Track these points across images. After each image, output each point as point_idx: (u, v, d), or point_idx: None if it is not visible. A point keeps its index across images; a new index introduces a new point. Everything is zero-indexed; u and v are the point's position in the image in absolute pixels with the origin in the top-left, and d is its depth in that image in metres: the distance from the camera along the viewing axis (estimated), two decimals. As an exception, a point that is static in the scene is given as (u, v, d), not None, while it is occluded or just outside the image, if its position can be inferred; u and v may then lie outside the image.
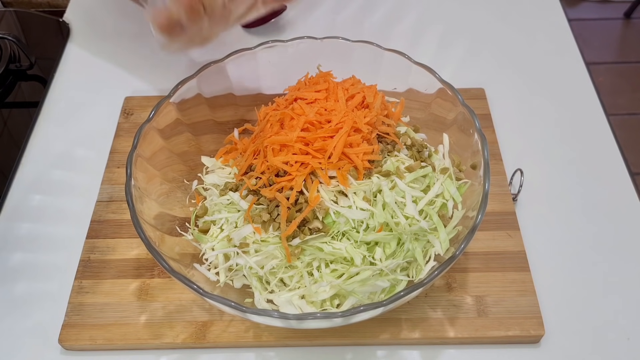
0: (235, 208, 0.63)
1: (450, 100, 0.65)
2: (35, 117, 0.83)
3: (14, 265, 0.69)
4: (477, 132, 0.61)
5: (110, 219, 0.71)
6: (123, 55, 0.91)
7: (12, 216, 0.73)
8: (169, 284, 0.65)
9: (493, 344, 0.62)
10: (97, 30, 0.95)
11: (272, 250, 0.59)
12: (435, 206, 0.61)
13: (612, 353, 0.61)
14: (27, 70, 0.90)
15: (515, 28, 0.93)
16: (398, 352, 0.62)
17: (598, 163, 0.76)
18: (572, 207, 0.72)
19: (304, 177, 0.59)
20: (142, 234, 0.55)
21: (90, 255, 0.68)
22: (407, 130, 0.68)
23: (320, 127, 0.62)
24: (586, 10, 2.24)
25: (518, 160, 0.74)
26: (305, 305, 0.58)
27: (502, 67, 0.88)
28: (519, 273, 0.65)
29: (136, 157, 0.61)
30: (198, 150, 0.71)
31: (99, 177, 0.75)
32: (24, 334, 0.64)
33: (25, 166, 0.78)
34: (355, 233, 0.58)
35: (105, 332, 0.62)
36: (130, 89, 0.85)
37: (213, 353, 0.62)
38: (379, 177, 0.61)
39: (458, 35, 0.92)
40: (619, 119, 1.87)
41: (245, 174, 0.64)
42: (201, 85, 0.68)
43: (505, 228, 0.68)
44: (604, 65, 2.06)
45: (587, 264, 0.67)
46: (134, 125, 0.80)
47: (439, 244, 0.59)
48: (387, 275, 0.58)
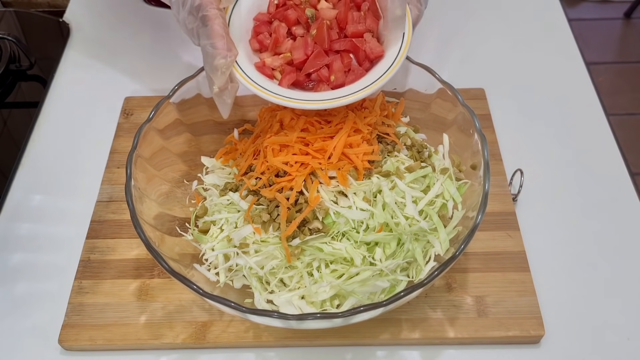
0: (235, 208, 0.63)
1: (450, 100, 0.65)
2: (35, 117, 0.83)
3: (14, 265, 0.69)
4: (477, 132, 0.61)
5: (110, 219, 0.71)
6: (123, 55, 0.91)
7: (12, 216, 0.73)
8: (168, 284, 0.65)
9: (493, 344, 0.62)
10: (97, 30, 0.95)
11: (272, 251, 0.59)
12: (435, 206, 0.61)
13: (612, 353, 0.61)
14: (27, 70, 0.90)
15: (515, 28, 0.93)
16: (398, 352, 0.62)
17: (598, 163, 0.76)
18: (572, 207, 0.72)
19: (304, 177, 0.59)
20: (142, 234, 0.55)
21: (90, 255, 0.68)
22: (407, 130, 0.68)
23: (320, 127, 0.62)
24: (586, 10, 2.24)
25: (518, 160, 0.74)
26: (305, 306, 0.58)
27: (502, 67, 0.88)
28: (519, 273, 0.65)
29: (136, 157, 0.61)
30: (198, 151, 0.71)
31: (99, 177, 0.75)
32: (24, 334, 0.64)
33: (25, 166, 0.78)
34: (355, 233, 0.58)
35: (105, 333, 0.62)
36: (130, 89, 0.85)
37: (213, 353, 0.62)
38: (379, 177, 0.61)
39: (458, 36, 0.92)
40: (619, 119, 1.87)
41: (245, 174, 0.64)
42: (201, 85, 0.68)
43: (505, 228, 0.68)
44: (604, 65, 2.06)
45: (587, 264, 0.67)
46: (134, 125, 0.80)
47: (439, 244, 0.59)
48: (387, 275, 0.58)
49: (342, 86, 0.60)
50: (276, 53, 0.62)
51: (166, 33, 0.93)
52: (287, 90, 0.60)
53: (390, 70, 0.58)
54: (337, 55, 0.60)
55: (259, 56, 0.62)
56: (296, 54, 0.60)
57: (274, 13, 0.63)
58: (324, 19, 0.60)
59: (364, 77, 0.60)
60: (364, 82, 0.59)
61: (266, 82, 0.60)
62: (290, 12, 0.61)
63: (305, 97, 0.59)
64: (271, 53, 0.62)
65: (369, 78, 0.59)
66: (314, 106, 0.58)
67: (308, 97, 0.59)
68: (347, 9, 0.60)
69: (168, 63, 0.89)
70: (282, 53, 0.61)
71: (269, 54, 0.62)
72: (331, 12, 0.61)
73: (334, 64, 0.60)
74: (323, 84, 0.60)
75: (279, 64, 0.61)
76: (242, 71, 0.59)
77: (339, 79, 0.60)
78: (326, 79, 0.60)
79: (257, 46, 0.63)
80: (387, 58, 0.60)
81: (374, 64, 0.61)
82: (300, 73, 0.60)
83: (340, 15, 0.60)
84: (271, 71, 0.61)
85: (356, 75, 0.60)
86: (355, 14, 0.61)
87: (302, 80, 0.61)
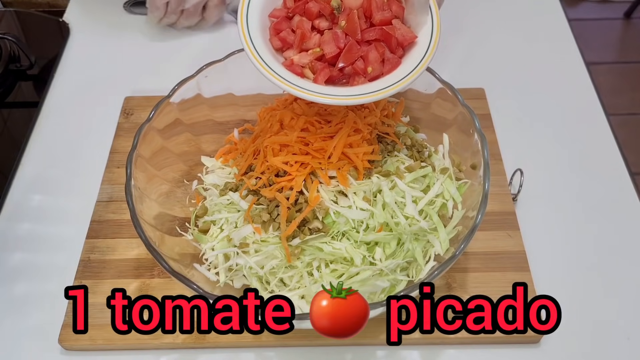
0: (235, 208, 0.63)
1: (450, 100, 0.65)
2: (35, 117, 0.83)
3: (14, 265, 0.69)
4: (477, 132, 0.61)
5: (110, 219, 0.71)
6: (123, 55, 0.91)
7: (12, 216, 0.73)
8: (169, 284, 0.65)
9: (493, 344, 0.62)
10: (97, 30, 0.95)
11: (272, 250, 0.59)
12: (435, 206, 0.61)
13: (612, 353, 0.61)
14: (27, 70, 0.90)
15: (515, 28, 0.93)
16: (398, 352, 0.62)
17: (598, 163, 0.76)
18: (572, 207, 0.72)
19: (304, 177, 0.59)
20: (142, 234, 0.55)
21: (90, 255, 0.68)
22: (407, 130, 0.68)
23: (320, 127, 0.62)
24: (586, 10, 2.24)
25: (518, 160, 0.74)
26: (305, 305, 0.58)
27: (502, 67, 0.88)
28: (519, 273, 0.65)
29: (136, 157, 0.61)
30: (198, 150, 0.71)
31: (99, 177, 0.75)
32: (24, 334, 0.64)
33: (25, 166, 0.78)
34: (355, 233, 0.58)
35: (105, 332, 0.62)
36: (130, 89, 0.85)
37: (213, 353, 0.62)
38: (378, 177, 0.61)
39: (458, 36, 0.92)
40: (619, 118, 1.87)
41: (245, 174, 0.64)
42: (201, 85, 0.68)
43: (505, 228, 0.68)
44: (604, 65, 2.06)
45: (587, 264, 0.67)
46: (134, 125, 0.80)
47: (438, 244, 0.59)
48: (387, 275, 0.58)
49: (380, 77, 0.57)
50: (302, 50, 0.59)
51: (166, 33, 0.93)
52: (327, 87, 0.57)
53: (429, 54, 0.56)
54: (371, 46, 0.57)
55: (283, 55, 0.60)
56: (327, 48, 0.57)
57: (292, 8, 0.60)
58: (351, 9, 0.57)
59: (401, 65, 0.58)
60: (403, 70, 0.57)
61: (302, 81, 0.57)
62: (312, 5, 0.58)
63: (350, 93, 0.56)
64: (297, 50, 0.59)
65: (406, 65, 0.57)
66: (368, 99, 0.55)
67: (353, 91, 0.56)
68: None
69: (168, 63, 0.89)
70: (310, 49, 0.58)
71: (294, 51, 0.59)
72: (357, 1, 0.58)
73: (370, 55, 0.57)
74: (359, 76, 0.57)
75: (308, 60, 0.58)
76: (276, 73, 0.56)
77: (376, 70, 0.57)
78: (363, 72, 0.57)
79: (279, 44, 0.60)
80: (419, 43, 0.58)
81: (406, 50, 0.59)
82: (333, 68, 0.58)
83: (365, 4, 0.58)
84: (301, 69, 0.58)
85: (392, 64, 0.57)
86: (378, 0, 0.58)
87: (335, 76, 0.58)
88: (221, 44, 0.74)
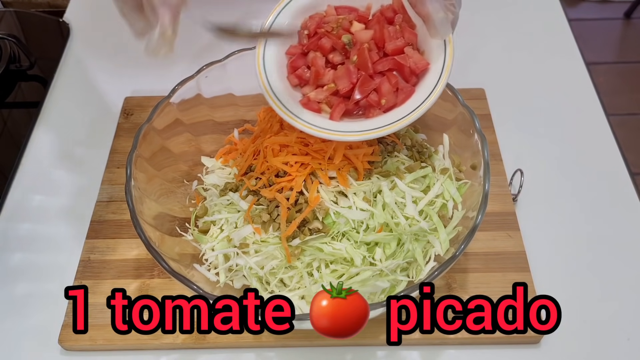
0: (235, 208, 0.63)
1: (450, 100, 0.65)
2: (35, 117, 0.83)
3: (14, 266, 0.69)
4: (477, 133, 0.61)
5: (110, 219, 0.71)
6: (123, 55, 0.91)
7: (12, 216, 0.73)
8: (169, 284, 0.65)
9: (493, 344, 0.62)
10: (97, 30, 0.95)
11: (272, 251, 0.59)
12: (435, 206, 0.61)
13: (612, 353, 0.61)
14: (27, 70, 0.90)
15: (515, 28, 0.93)
16: (398, 352, 0.62)
17: (598, 163, 0.76)
18: (572, 207, 0.72)
19: (304, 177, 0.59)
20: (142, 234, 0.55)
21: (90, 255, 0.68)
22: (407, 130, 0.68)
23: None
24: (586, 10, 2.24)
25: (518, 160, 0.74)
26: (305, 306, 0.58)
27: (502, 67, 0.88)
28: (519, 273, 0.65)
29: (136, 157, 0.61)
30: (198, 151, 0.71)
31: (99, 177, 0.75)
32: (24, 334, 0.64)
33: (25, 166, 0.78)
34: (355, 233, 0.58)
35: (105, 333, 0.62)
36: (130, 89, 0.85)
37: (213, 353, 0.62)
38: (379, 177, 0.61)
39: (458, 36, 0.92)
40: (618, 119, 1.87)
41: (245, 174, 0.64)
42: (201, 86, 0.68)
43: (505, 228, 0.68)
44: (604, 65, 2.06)
45: (587, 264, 0.67)
46: (134, 125, 0.80)
47: (439, 245, 0.59)
48: (387, 275, 0.58)
49: (394, 107, 0.58)
50: (318, 85, 0.60)
51: (166, 33, 0.93)
52: (343, 123, 0.58)
53: (441, 82, 0.56)
54: (384, 77, 0.58)
55: (301, 91, 0.61)
56: (341, 83, 0.58)
57: (307, 44, 0.60)
58: (362, 43, 0.58)
59: (415, 93, 0.57)
60: (417, 98, 0.57)
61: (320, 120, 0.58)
62: (325, 41, 0.59)
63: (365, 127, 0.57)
64: (313, 86, 0.60)
65: (420, 94, 0.57)
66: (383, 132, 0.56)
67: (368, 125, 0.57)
68: (382, 27, 0.58)
69: (168, 63, 0.89)
70: (325, 84, 0.59)
71: (310, 87, 0.60)
72: (367, 34, 0.58)
73: (383, 87, 0.57)
74: (374, 109, 0.58)
75: (324, 96, 0.59)
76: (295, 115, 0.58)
77: (390, 101, 0.57)
78: (377, 104, 0.58)
79: (296, 82, 0.61)
80: (432, 69, 0.57)
81: (419, 77, 0.58)
82: (348, 102, 0.58)
83: (377, 34, 0.58)
84: (318, 105, 0.59)
85: (406, 93, 0.57)
86: (390, 29, 0.58)
87: (351, 109, 0.59)
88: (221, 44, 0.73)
